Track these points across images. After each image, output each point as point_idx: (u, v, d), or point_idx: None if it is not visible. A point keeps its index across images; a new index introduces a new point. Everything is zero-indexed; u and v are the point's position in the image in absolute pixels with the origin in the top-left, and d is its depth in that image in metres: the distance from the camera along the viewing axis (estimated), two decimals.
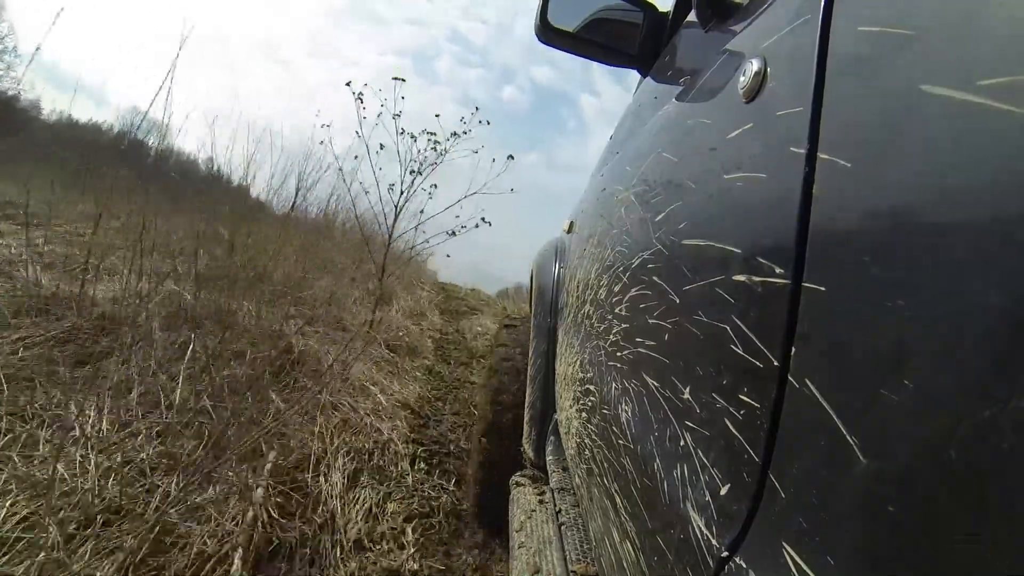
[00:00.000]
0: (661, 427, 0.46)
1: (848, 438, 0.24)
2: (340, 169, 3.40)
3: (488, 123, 3.21)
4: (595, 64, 0.96)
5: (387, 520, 1.41)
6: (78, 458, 1.16)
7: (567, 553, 0.80)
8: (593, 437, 0.71)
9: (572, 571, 0.75)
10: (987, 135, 0.20)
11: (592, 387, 0.75)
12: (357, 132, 2.99)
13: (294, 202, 3.98)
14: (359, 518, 1.38)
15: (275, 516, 1.27)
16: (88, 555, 0.96)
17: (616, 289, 0.67)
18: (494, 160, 3.12)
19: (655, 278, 0.52)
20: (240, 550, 1.10)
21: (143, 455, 1.26)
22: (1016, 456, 0.18)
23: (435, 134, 3.04)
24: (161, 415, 1.41)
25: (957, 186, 0.21)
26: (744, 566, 0.31)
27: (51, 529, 0.95)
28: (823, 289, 0.28)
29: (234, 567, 1.06)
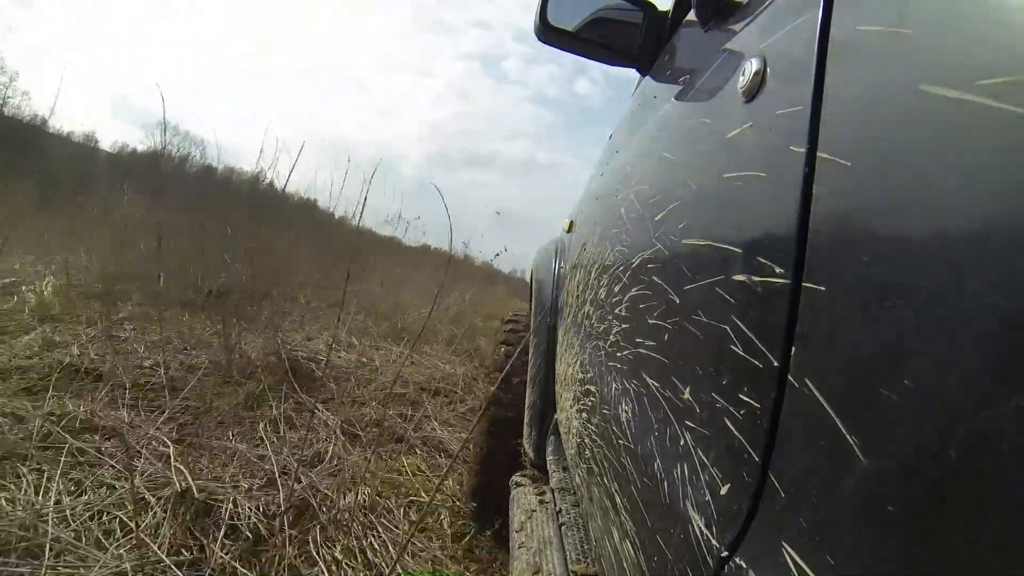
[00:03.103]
0: (661, 427, 0.46)
1: (848, 438, 0.24)
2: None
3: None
4: None
5: None
6: None
7: (567, 553, 0.80)
8: (593, 437, 0.71)
9: (572, 571, 0.75)
10: (987, 135, 0.20)
11: (592, 387, 0.75)
12: None
13: None
14: None
15: None
16: None
17: (616, 289, 0.66)
18: None
19: (655, 278, 0.52)
20: None
21: None
22: (1016, 456, 0.18)
23: None
24: None
25: (957, 186, 0.21)
26: (744, 566, 0.31)
27: None
28: (823, 289, 0.28)
29: None
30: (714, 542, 0.34)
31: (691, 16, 0.69)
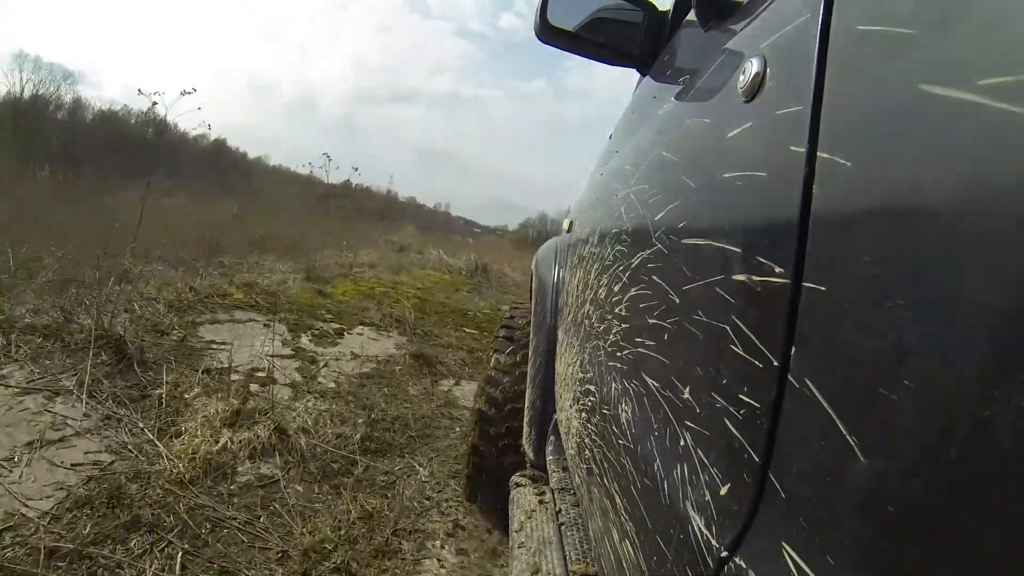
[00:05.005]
0: (661, 427, 0.46)
1: (848, 438, 0.24)
2: None
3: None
4: None
5: None
6: None
7: (567, 553, 0.80)
8: (593, 437, 0.71)
9: (572, 571, 0.75)
10: (987, 135, 0.20)
11: (592, 387, 0.75)
12: None
13: None
14: None
15: None
16: None
17: (616, 289, 0.67)
18: None
19: (655, 278, 0.52)
20: None
21: None
22: (1016, 456, 0.18)
23: None
24: None
25: (957, 186, 0.21)
26: (744, 566, 0.31)
27: None
28: (823, 289, 0.28)
29: None
30: (714, 542, 0.34)
31: (691, 16, 0.69)
